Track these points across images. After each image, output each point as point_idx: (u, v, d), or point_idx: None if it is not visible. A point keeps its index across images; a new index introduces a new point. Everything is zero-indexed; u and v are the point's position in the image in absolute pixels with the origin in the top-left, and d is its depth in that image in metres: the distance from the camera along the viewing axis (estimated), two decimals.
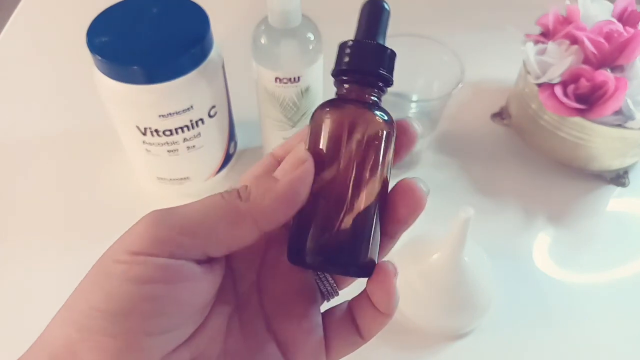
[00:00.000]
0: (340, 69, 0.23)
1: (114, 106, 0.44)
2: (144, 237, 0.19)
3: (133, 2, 0.44)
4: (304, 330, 0.23)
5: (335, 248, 0.22)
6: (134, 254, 0.19)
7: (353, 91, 0.23)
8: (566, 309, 0.46)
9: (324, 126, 0.22)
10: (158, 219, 0.20)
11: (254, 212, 0.20)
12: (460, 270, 0.42)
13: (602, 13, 0.53)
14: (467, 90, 0.62)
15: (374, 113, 0.22)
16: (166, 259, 0.19)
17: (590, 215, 0.53)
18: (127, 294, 0.19)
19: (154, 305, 0.19)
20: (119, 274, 0.19)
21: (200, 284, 0.20)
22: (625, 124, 0.48)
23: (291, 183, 0.21)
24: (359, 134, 0.22)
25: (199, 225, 0.20)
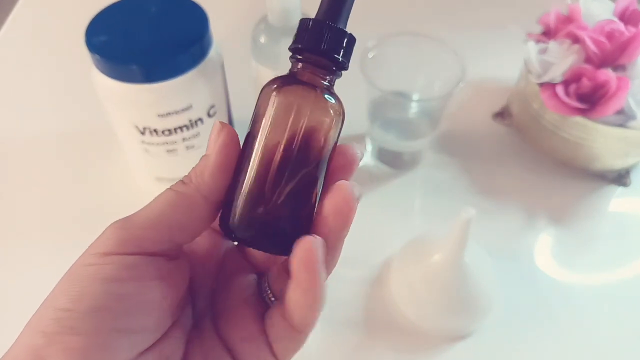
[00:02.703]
0: (297, 47, 0.23)
1: (113, 105, 0.43)
2: (111, 239, 0.20)
3: (132, 1, 0.44)
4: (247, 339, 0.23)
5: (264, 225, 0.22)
6: (103, 255, 0.20)
7: (306, 71, 0.23)
8: (568, 310, 0.46)
9: (271, 102, 0.22)
10: (121, 223, 0.21)
11: (201, 190, 0.22)
12: (461, 271, 0.42)
13: (603, 12, 0.53)
14: (468, 90, 0.61)
15: (323, 97, 0.22)
16: (135, 257, 0.20)
17: (592, 216, 0.53)
18: (96, 293, 0.19)
19: (123, 303, 0.19)
20: (89, 275, 0.20)
21: (169, 282, 0.21)
22: (627, 124, 0.48)
23: (219, 150, 0.22)
24: (304, 116, 0.22)
25: (158, 218, 0.21)
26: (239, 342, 0.23)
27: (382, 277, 0.47)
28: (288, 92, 0.22)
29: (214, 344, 0.23)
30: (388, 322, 0.44)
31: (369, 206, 0.53)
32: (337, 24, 0.23)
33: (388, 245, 0.48)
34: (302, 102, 0.22)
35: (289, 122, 0.22)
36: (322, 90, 0.23)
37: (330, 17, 0.23)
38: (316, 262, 0.21)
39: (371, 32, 0.53)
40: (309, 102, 0.22)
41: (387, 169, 0.55)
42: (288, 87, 0.22)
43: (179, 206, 0.21)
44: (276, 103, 0.22)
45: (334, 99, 0.23)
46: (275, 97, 0.22)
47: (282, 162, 0.22)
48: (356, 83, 0.50)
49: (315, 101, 0.22)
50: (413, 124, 0.55)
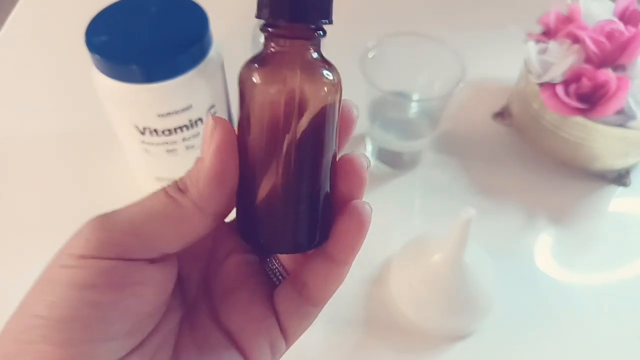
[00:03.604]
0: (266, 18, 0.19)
1: (113, 105, 0.43)
2: (90, 239, 0.19)
3: (132, 1, 0.44)
4: (253, 319, 0.22)
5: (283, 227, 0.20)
6: (79, 258, 0.19)
7: (286, 48, 0.19)
8: (568, 310, 0.46)
9: (255, 93, 0.19)
10: (102, 222, 0.19)
11: (195, 199, 0.19)
12: (461, 271, 0.42)
13: (603, 12, 0.53)
14: (468, 90, 0.61)
15: (314, 73, 0.19)
16: (112, 262, 0.19)
17: (592, 216, 0.53)
18: (70, 301, 0.18)
19: (96, 311, 0.18)
20: (64, 279, 0.18)
21: (150, 287, 0.19)
22: (627, 124, 0.48)
23: (214, 156, 0.19)
24: (298, 102, 0.19)
25: (144, 225, 0.19)
26: (244, 323, 0.22)
27: (382, 277, 0.47)
28: (272, 78, 0.19)
29: (210, 332, 0.22)
30: (388, 322, 0.44)
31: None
32: None
33: (388, 245, 0.48)
34: (291, 86, 0.19)
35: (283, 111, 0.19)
36: (310, 64, 0.19)
37: None
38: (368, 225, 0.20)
39: (371, 32, 0.53)
40: (299, 82, 0.19)
41: (387, 169, 0.55)
42: (270, 71, 0.19)
43: (170, 217, 0.19)
44: (263, 94, 0.19)
45: (325, 70, 0.19)
46: (259, 86, 0.19)
47: (288, 157, 0.19)
48: (356, 83, 0.50)
49: (305, 82, 0.19)
50: (413, 124, 0.55)
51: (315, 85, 0.19)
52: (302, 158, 0.19)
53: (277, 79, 0.19)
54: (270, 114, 0.19)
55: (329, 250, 0.21)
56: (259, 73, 0.19)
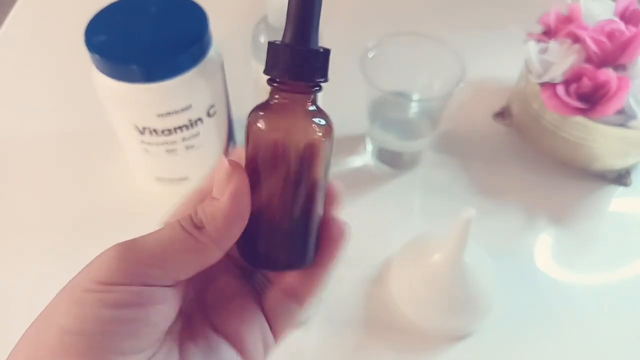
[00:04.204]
0: (272, 74, 0.22)
1: (112, 105, 0.43)
2: (114, 269, 0.20)
3: (131, 1, 0.44)
4: (245, 322, 0.24)
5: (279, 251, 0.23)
6: (106, 284, 0.20)
7: (288, 99, 0.22)
8: (568, 310, 0.46)
9: (260, 136, 0.22)
10: (124, 252, 0.21)
11: (213, 236, 0.22)
12: (461, 271, 0.42)
13: (604, 12, 0.53)
14: (468, 90, 0.61)
15: (310, 122, 0.22)
16: (138, 287, 0.20)
17: (592, 216, 0.53)
18: (103, 318, 0.20)
19: (129, 327, 0.20)
20: (94, 301, 0.20)
21: (170, 304, 0.22)
22: (627, 124, 0.48)
23: (232, 197, 0.22)
24: (296, 145, 0.22)
25: (166, 258, 0.21)
26: (239, 327, 0.24)
27: (382, 276, 0.47)
28: (276, 125, 0.22)
29: (210, 337, 0.24)
30: (388, 322, 0.44)
31: (369, 206, 0.53)
32: (309, 44, 0.21)
33: (388, 245, 0.48)
34: (291, 132, 0.22)
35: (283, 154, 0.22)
36: (308, 115, 0.22)
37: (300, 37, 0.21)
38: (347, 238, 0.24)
39: (371, 32, 0.53)
40: (297, 131, 0.22)
41: (387, 169, 0.55)
42: (274, 119, 0.22)
43: (190, 252, 0.22)
44: (266, 137, 0.22)
45: (320, 120, 0.22)
46: (264, 131, 0.22)
47: (286, 191, 0.22)
48: (356, 83, 0.50)
49: (303, 129, 0.22)
50: (413, 124, 0.55)
51: (310, 132, 0.22)
52: (298, 193, 0.23)
53: (279, 126, 0.22)
54: (272, 155, 0.22)
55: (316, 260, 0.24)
56: (264, 120, 0.22)
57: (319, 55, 0.22)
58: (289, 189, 0.22)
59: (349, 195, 0.53)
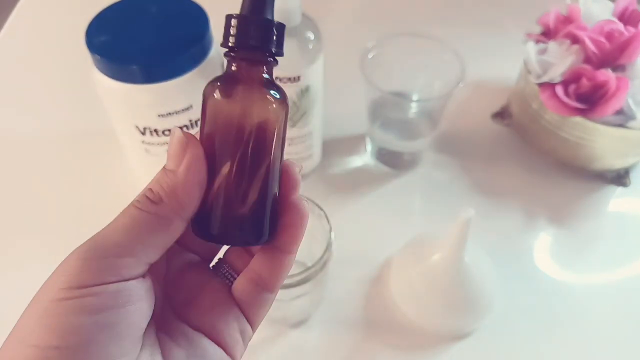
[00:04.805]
0: (228, 46, 0.23)
1: (113, 106, 0.44)
2: (83, 270, 0.19)
3: (132, 1, 0.44)
4: (221, 315, 0.24)
5: (235, 224, 0.23)
6: (79, 288, 0.19)
7: (243, 69, 0.23)
8: (567, 309, 0.46)
9: (214, 105, 0.22)
10: (89, 252, 0.20)
11: (175, 209, 0.21)
12: (461, 270, 0.42)
13: (603, 12, 0.53)
14: (467, 90, 0.62)
15: (264, 92, 0.22)
16: (115, 285, 0.20)
17: (592, 216, 0.53)
18: (83, 327, 0.19)
19: (111, 332, 0.19)
20: (69, 308, 0.19)
21: (146, 301, 0.21)
22: (626, 124, 0.48)
23: (188, 168, 0.21)
24: (249, 112, 0.22)
25: (132, 243, 0.20)
26: (215, 321, 0.24)
27: (383, 276, 0.47)
28: (231, 94, 0.22)
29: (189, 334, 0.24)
30: (388, 321, 0.45)
31: (369, 206, 0.53)
32: (264, 15, 0.22)
33: (388, 245, 0.48)
34: (246, 101, 0.22)
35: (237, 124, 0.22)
36: (262, 85, 0.23)
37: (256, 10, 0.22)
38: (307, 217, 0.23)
39: (371, 32, 0.53)
40: (252, 100, 0.22)
41: (387, 169, 0.55)
42: (230, 88, 0.22)
43: (154, 228, 0.21)
44: (222, 107, 0.22)
45: (275, 92, 0.23)
46: (219, 100, 0.22)
47: (241, 162, 0.22)
48: (356, 83, 0.50)
49: (257, 98, 0.22)
50: (413, 124, 0.55)
51: (264, 102, 0.22)
52: (252, 162, 0.22)
53: (233, 95, 0.22)
54: (225, 124, 0.22)
55: (275, 243, 0.24)
56: (219, 89, 0.22)
57: (272, 26, 0.22)
58: (242, 160, 0.22)
59: (349, 196, 0.53)
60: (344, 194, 0.53)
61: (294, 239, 0.24)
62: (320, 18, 0.45)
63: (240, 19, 0.22)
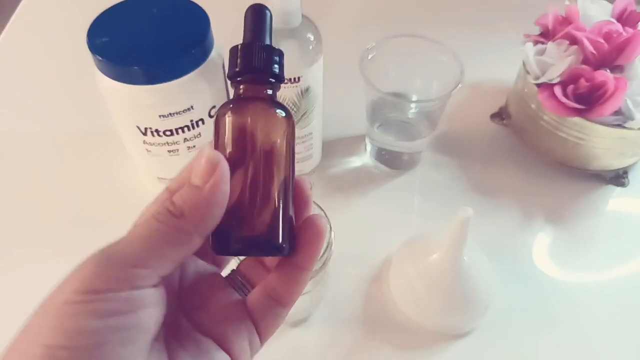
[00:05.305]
0: (234, 72, 0.25)
1: (115, 106, 0.44)
2: (97, 277, 0.20)
3: (134, 3, 0.44)
4: (232, 324, 0.24)
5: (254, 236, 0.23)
6: (92, 293, 0.19)
7: (249, 90, 0.25)
8: (565, 309, 0.46)
9: (227, 125, 0.24)
10: (105, 259, 0.20)
11: (194, 224, 0.21)
12: (460, 269, 0.42)
13: (601, 13, 0.53)
14: (466, 91, 0.62)
15: (270, 108, 0.25)
16: (128, 292, 0.20)
17: (590, 215, 0.53)
18: (92, 328, 0.19)
19: (121, 335, 0.19)
20: (81, 312, 0.19)
21: (156, 308, 0.21)
22: (624, 124, 0.48)
23: (215, 186, 0.21)
24: (260, 129, 0.24)
25: (149, 254, 0.21)
26: (225, 328, 0.24)
27: (382, 275, 0.47)
28: (238, 111, 0.24)
29: (197, 339, 0.24)
30: (387, 320, 0.45)
31: (368, 206, 0.53)
32: (264, 42, 0.25)
33: (387, 244, 0.49)
34: (254, 115, 0.24)
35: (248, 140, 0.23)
36: (267, 102, 0.25)
37: (256, 38, 0.25)
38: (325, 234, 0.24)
39: (370, 34, 0.53)
40: (259, 114, 0.24)
41: (386, 169, 0.56)
42: (239, 108, 0.24)
43: (171, 242, 0.21)
44: (231, 124, 0.24)
45: (281, 110, 0.25)
46: (230, 120, 0.24)
47: (255, 177, 0.23)
48: (356, 84, 0.50)
49: (263, 112, 0.24)
50: (412, 124, 0.55)
51: (271, 117, 0.24)
52: (265, 175, 0.23)
53: (243, 112, 0.24)
54: (237, 141, 0.24)
55: (293, 259, 0.24)
56: (230, 110, 0.24)
57: (272, 51, 0.25)
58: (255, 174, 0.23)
59: (349, 195, 0.54)
60: (344, 194, 0.54)
61: (310, 256, 0.24)
62: (320, 19, 0.45)
63: (243, 47, 0.25)
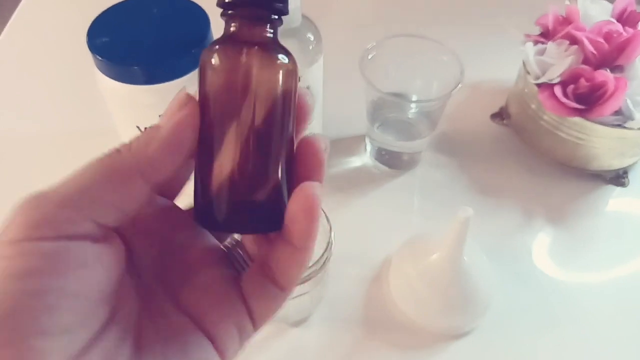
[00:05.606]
0: (225, 2, 0.20)
1: (115, 106, 0.44)
2: (21, 221, 0.17)
3: (134, 3, 0.44)
4: (219, 302, 0.21)
5: (245, 209, 0.20)
6: (14, 243, 0.17)
7: (244, 29, 0.20)
8: (565, 309, 0.46)
9: (216, 73, 0.19)
10: (33, 201, 0.18)
11: (139, 163, 0.18)
12: (460, 269, 0.42)
13: (601, 13, 0.53)
14: (466, 91, 0.62)
15: (270, 55, 0.20)
16: (52, 243, 0.17)
17: (590, 215, 0.53)
18: (12, 293, 0.16)
19: (43, 300, 0.16)
20: (1, 272, 0.16)
21: (97, 269, 0.18)
22: (624, 124, 0.48)
23: (174, 127, 0.19)
24: (255, 80, 0.19)
25: (80, 193, 0.18)
26: (209, 307, 0.21)
27: (382, 275, 0.47)
28: (230, 57, 0.19)
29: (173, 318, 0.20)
30: (387, 320, 0.45)
31: (368, 206, 0.53)
32: None
33: (387, 244, 0.49)
34: (248, 65, 0.19)
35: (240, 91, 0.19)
36: (267, 46, 0.20)
37: None
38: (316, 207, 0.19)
39: (371, 34, 0.53)
40: (257, 65, 0.19)
41: (386, 169, 0.56)
42: (230, 52, 0.19)
43: (107, 180, 0.18)
44: (222, 75, 0.19)
45: (283, 55, 0.20)
46: (218, 65, 0.19)
47: (246, 137, 0.19)
48: (356, 84, 0.50)
49: (263, 62, 0.19)
50: (412, 124, 0.55)
51: (270, 66, 0.19)
52: (261, 138, 0.19)
53: (235, 57, 0.19)
54: (228, 94, 0.19)
55: (286, 236, 0.20)
56: (218, 54, 0.19)
57: None
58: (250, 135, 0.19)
59: (349, 195, 0.54)
60: (344, 194, 0.54)
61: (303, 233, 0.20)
62: (320, 19, 0.45)
63: None
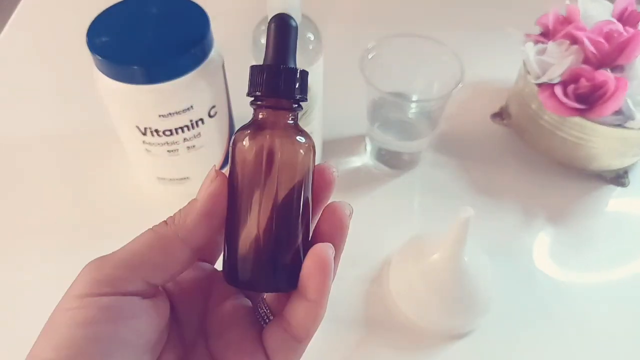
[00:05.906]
0: (256, 95, 0.24)
1: (114, 106, 0.44)
2: (86, 280, 0.21)
3: (133, 2, 0.44)
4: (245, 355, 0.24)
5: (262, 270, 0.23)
6: (80, 298, 0.20)
7: (269, 116, 0.24)
8: (566, 309, 0.46)
9: (244, 152, 0.23)
10: (96, 263, 0.21)
11: (181, 232, 0.22)
12: (460, 270, 0.42)
13: (602, 13, 0.53)
14: (466, 90, 0.62)
15: (291, 138, 0.23)
16: (109, 298, 0.21)
17: (590, 215, 0.53)
18: (73, 339, 0.19)
19: (99, 346, 0.20)
20: (67, 320, 0.20)
21: (145, 321, 0.22)
22: (625, 124, 0.48)
23: (207, 198, 0.23)
24: (278, 158, 0.23)
25: (132, 258, 0.22)
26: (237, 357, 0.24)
27: (382, 275, 0.47)
28: (258, 141, 0.23)
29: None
30: (387, 320, 0.45)
31: (368, 206, 0.53)
32: (287, 64, 0.23)
33: (388, 244, 0.48)
34: (273, 146, 0.23)
35: (265, 169, 0.23)
36: (289, 131, 0.23)
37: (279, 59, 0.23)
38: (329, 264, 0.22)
39: (371, 33, 0.53)
40: (279, 144, 0.23)
41: (386, 169, 0.56)
42: (257, 135, 0.23)
43: (155, 247, 0.22)
44: (249, 152, 0.23)
45: (301, 137, 0.24)
46: (247, 146, 0.23)
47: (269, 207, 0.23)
48: (356, 84, 0.50)
49: (284, 143, 0.23)
50: (412, 124, 0.55)
51: (291, 146, 0.23)
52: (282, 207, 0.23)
53: (260, 139, 0.23)
54: (255, 170, 0.23)
55: (302, 292, 0.23)
56: (247, 136, 0.23)
57: (296, 74, 0.23)
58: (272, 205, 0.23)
59: (349, 195, 0.54)
60: (344, 194, 0.54)
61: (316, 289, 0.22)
62: (320, 19, 0.45)
63: (266, 70, 0.23)
